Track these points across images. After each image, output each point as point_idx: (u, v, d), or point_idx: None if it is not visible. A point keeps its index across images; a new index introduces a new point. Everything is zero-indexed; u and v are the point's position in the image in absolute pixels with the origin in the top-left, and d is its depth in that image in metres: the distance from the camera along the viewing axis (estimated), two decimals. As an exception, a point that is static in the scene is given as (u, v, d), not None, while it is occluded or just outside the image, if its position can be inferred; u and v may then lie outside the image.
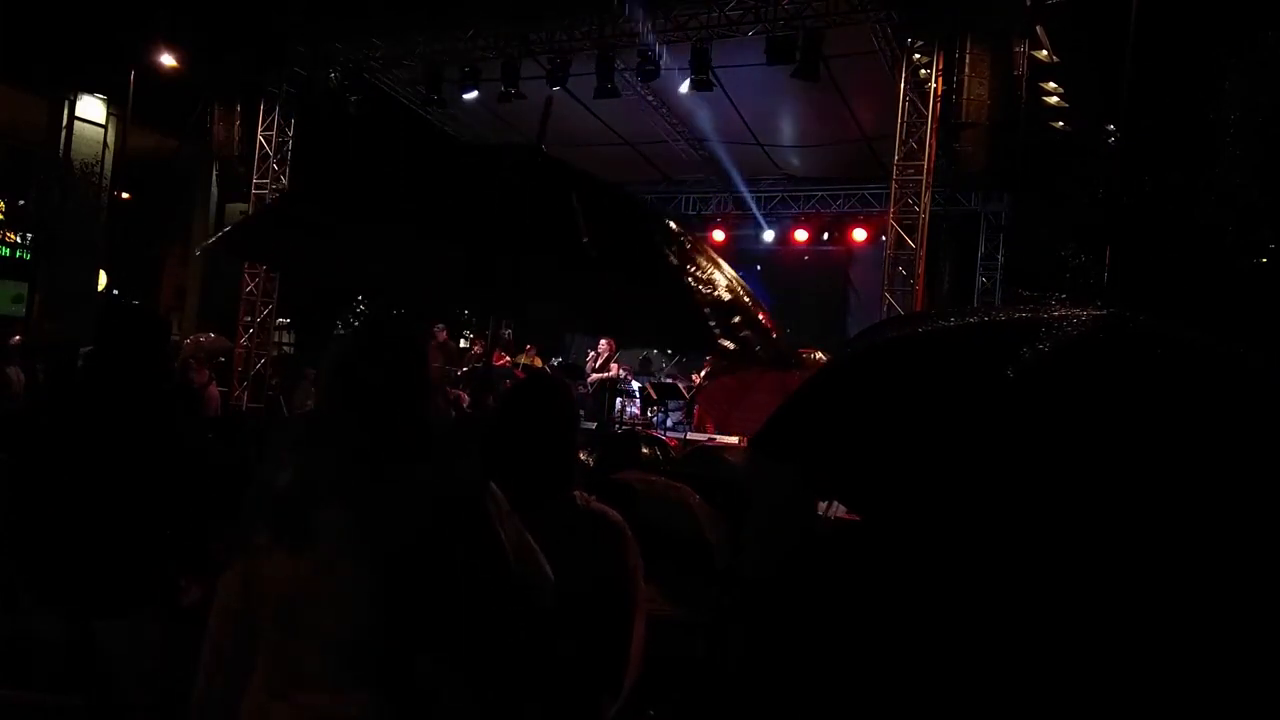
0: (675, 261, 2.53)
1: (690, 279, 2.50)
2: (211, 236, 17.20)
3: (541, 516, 2.01)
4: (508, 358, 13.25)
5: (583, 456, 4.17)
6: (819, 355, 8.30)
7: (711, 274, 2.65)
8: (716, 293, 2.56)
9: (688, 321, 2.48)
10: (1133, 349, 1.19)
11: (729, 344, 2.46)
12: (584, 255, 2.28)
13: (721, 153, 15.56)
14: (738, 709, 1.34)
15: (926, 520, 1.11)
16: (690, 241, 2.72)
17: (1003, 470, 1.10)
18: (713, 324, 2.44)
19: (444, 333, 14.03)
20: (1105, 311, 1.25)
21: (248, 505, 1.80)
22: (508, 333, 13.39)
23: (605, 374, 13.22)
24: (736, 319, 2.53)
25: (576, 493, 2.15)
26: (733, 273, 2.78)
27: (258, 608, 1.72)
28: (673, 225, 2.73)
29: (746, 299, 2.68)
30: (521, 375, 11.61)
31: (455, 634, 1.74)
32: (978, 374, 1.20)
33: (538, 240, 2.34)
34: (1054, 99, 9.78)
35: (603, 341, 13.30)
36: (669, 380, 13.72)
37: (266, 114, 13.47)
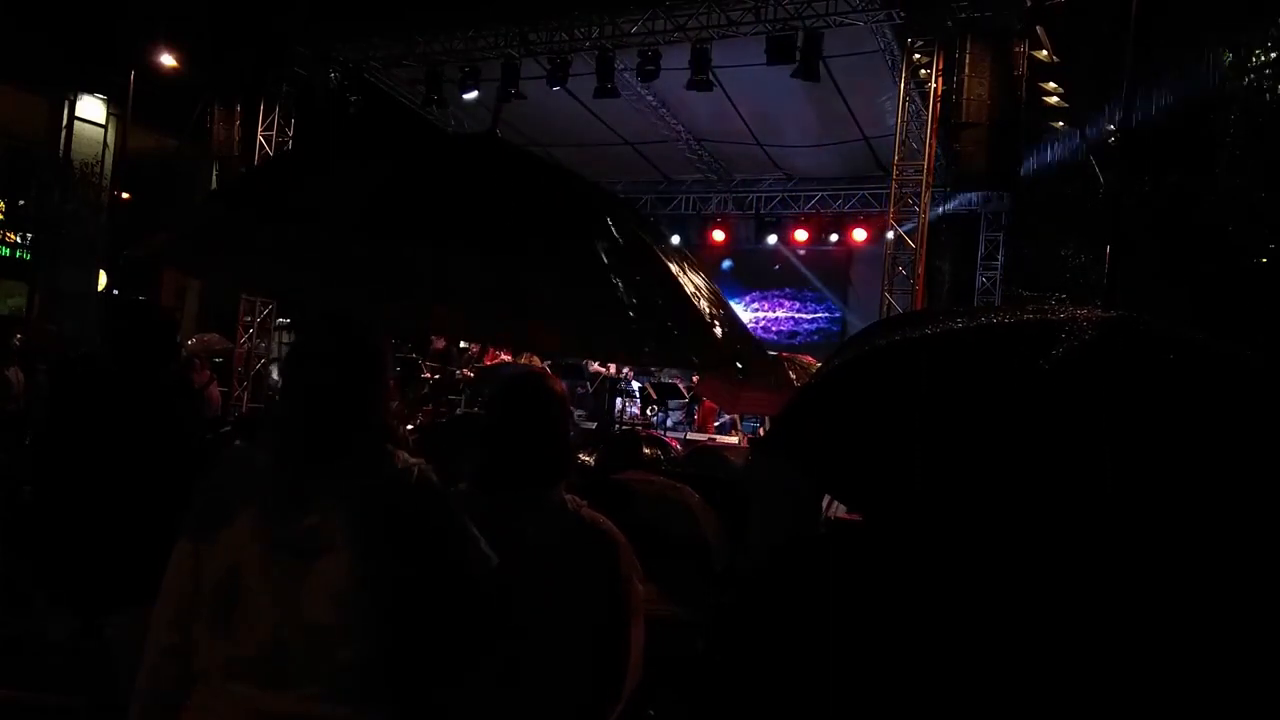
0: (607, 261, 2.22)
1: (621, 281, 2.20)
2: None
3: (531, 522, 2.01)
4: (503, 357, 13.19)
5: (584, 457, 4.17)
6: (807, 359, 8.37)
7: (644, 276, 2.30)
8: (649, 295, 2.24)
9: (610, 325, 2.18)
10: (1144, 352, 1.19)
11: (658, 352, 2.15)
12: (516, 245, 2.08)
13: (721, 153, 15.57)
14: (733, 708, 1.33)
15: (938, 522, 1.11)
16: (635, 236, 2.38)
17: (1017, 472, 1.09)
18: (635, 329, 2.14)
19: (442, 340, 13.95)
20: (1113, 314, 1.25)
21: (196, 499, 1.80)
22: None
23: (605, 369, 13.16)
24: (669, 322, 2.22)
25: (569, 497, 2.14)
26: (676, 270, 2.37)
27: (202, 601, 1.72)
28: (616, 223, 2.33)
29: (690, 299, 2.32)
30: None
31: (405, 630, 1.73)
32: (989, 376, 1.20)
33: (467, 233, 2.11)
34: (1054, 99, 9.78)
35: None
36: (669, 380, 13.72)
37: (266, 114, 13.47)
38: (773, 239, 16.62)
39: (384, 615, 1.71)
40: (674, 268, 2.36)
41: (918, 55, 9.98)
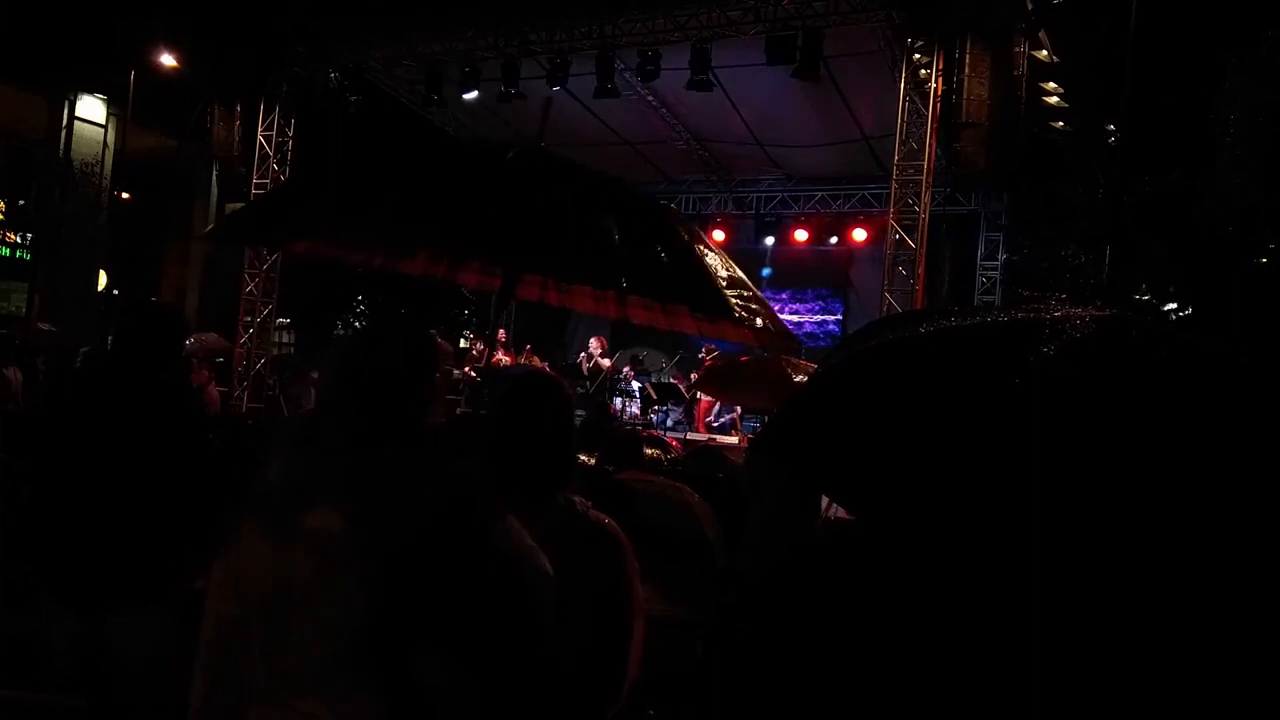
0: (688, 239, 2.92)
1: (706, 260, 2.87)
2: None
3: (537, 523, 2.01)
4: (501, 358, 13.21)
5: (584, 457, 4.16)
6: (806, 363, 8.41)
7: (717, 257, 3.04)
8: (728, 272, 2.95)
9: (713, 295, 2.81)
10: (1137, 351, 1.19)
11: (748, 317, 2.75)
12: (606, 243, 2.51)
13: (721, 153, 15.57)
14: (733, 709, 1.34)
15: (930, 524, 1.11)
16: (690, 231, 3.02)
17: (1006, 473, 1.10)
18: (733, 300, 2.81)
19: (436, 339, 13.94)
20: (1107, 313, 1.25)
21: (239, 501, 1.77)
22: (500, 333, 13.39)
23: (602, 369, 13.23)
24: (748, 293, 2.91)
25: (575, 498, 2.14)
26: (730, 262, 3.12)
27: (247, 607, 1.67)
28: (673, 208, 3.22)
29: (749, 282, 3.00)
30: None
31: (452, 634, 1.71)
32: (981, 376, 1.20)
33: (559, 229, 2.57)
34: (1054, 99, 9.78)
35: (593, 340, 13.40)
36: (669, 380, 13.72)
37: (266, 114, 13.46)
38: (771, 239, 16.62)
39: (438, 623, 1.66)
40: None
41: (918, 55, 9.97)
